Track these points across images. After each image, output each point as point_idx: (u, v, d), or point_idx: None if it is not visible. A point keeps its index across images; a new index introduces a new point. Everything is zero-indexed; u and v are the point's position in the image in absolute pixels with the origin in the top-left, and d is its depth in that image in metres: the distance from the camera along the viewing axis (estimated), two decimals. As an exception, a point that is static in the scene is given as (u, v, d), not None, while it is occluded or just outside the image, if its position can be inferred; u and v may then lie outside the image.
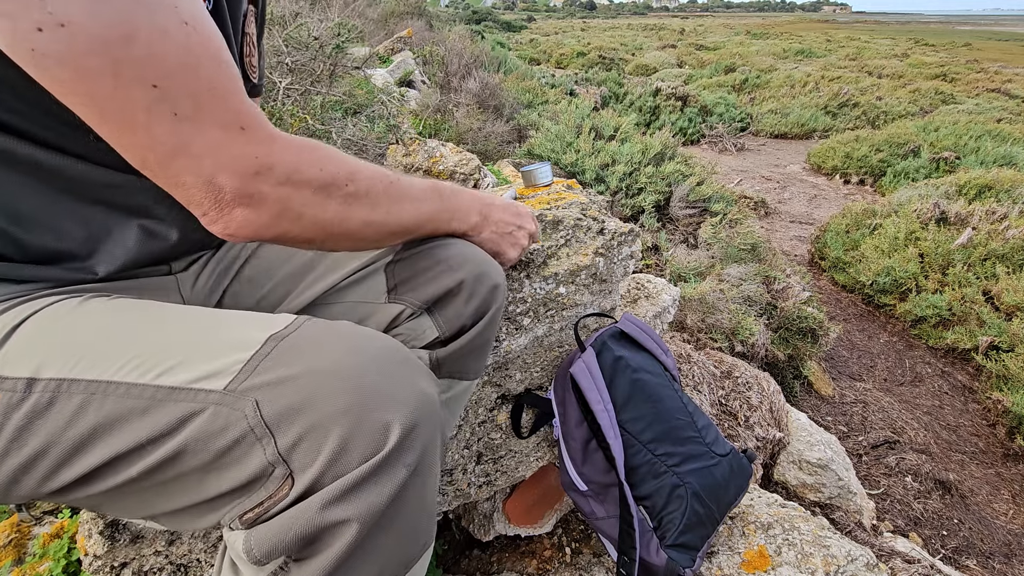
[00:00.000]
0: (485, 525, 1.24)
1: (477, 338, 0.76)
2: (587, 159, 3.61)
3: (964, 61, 14.87)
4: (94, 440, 0.46)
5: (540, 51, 15.88)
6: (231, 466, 0.45)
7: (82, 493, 0.48)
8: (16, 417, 0.46)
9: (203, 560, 0.89)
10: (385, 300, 0.73)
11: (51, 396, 0.47)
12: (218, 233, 0.50)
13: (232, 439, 0.44)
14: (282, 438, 0.44)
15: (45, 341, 0.50)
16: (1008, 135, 5.91)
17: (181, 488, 0.48)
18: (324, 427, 0.44)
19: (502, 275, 0.78)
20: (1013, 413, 2.41)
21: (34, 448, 0.46)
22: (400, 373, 0.50)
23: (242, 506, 0.46)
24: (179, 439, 0.45)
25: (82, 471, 0.46)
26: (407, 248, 0.75)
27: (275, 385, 0.45)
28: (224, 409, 0.45)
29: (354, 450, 0.44)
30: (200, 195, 0.47)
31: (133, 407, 0.46)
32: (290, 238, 0.53)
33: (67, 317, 0.52)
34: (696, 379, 1.77)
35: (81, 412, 0.46)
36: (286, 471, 0.44)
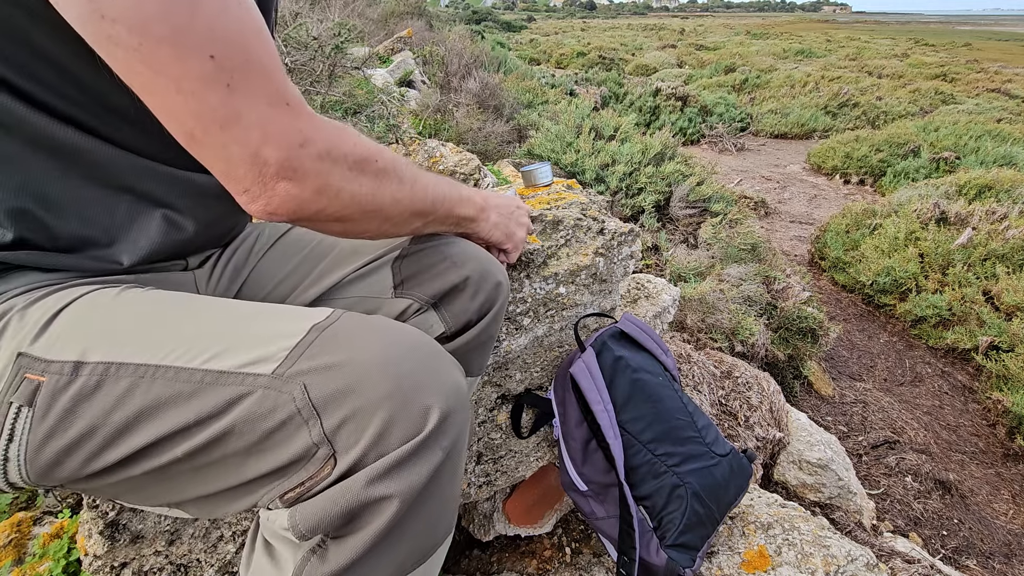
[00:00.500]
0: (485, 525, 1.24)
1: (482, 334, 0.78)
2: (587, 159, 3.61)
3: (964, 61, 14.87)
4: (141, 421, 0.47)
5: (540, 51, 15.88)
6: (275, 447, 0.47)
7: (120, 476, 0.49)
8: (63, 400, 0.47)
9: (203, 560, 0.89)
10: (392, 295, 0.74)
11: (98, 379, 0.47)
12: (259, 211, 0.50)
13: (279, 420, 0.46)
14: (328, 419, 0.46)
15: (89, 327, 0.51)
16: (1008, 135, 5.91)
17: (221, 471, 0.49)
18: (369, 409, 0.46)
19: (504, 273, 0.80)
20: (1013, 413, 2.41)
21: (79, 430, 0.47)
22: (435, 363, 0.52)
23: (281, 487, 0.48)
24: (227, 420, 0.46)
25: (126, 452, 0.47)
26: (413, 244, 0.76)
27: (321, 370, 0.47)
28: (272, 392, 0.47)
29: (396, 431, 0.46)
30: (244, 168, 0.47)
31: (181, 390, 0.47)
32: (327, 215, 0.53)
33: (109, 304, 0.53)
34: (696, 379, 1.77)
35: (128, 395, 0.47)
36: (329, 451, 0.46)
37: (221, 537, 0.90)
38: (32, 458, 0.47)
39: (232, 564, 0.91)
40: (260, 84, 0.46)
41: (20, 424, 0.47)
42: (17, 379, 0.48)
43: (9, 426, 0.47)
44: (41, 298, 0.53)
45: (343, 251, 0.77)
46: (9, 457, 0.48)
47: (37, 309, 0.51)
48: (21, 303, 0.52)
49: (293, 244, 0.79)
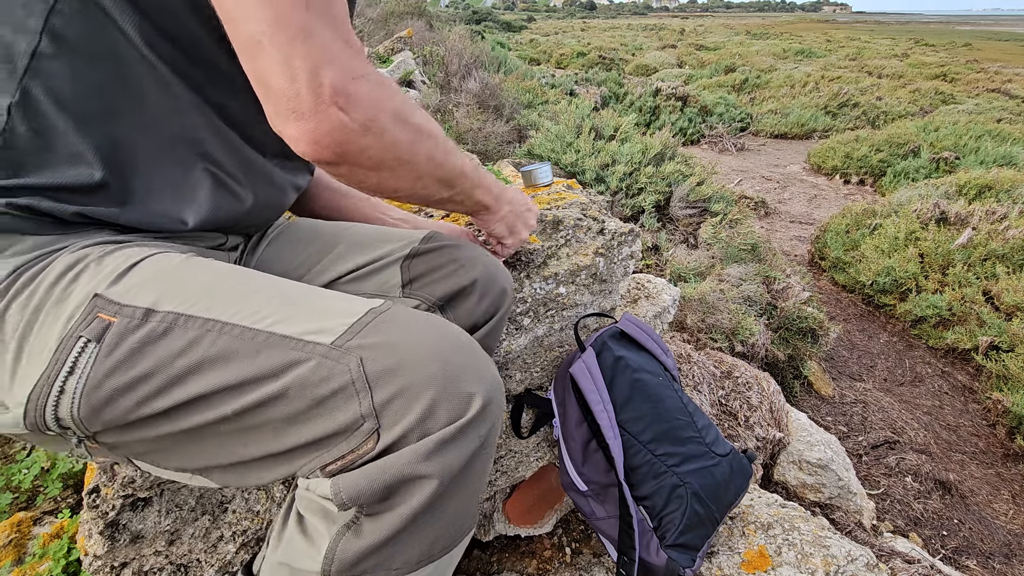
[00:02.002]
0: (485, 525, 1.24)
1: (487, 337, 0.79)
2: (587, 159, 3.61)
3: (964, 61, 14.87)
4: (200, 371, 0.49)
5: (540, 51, 15.88)
6: (323, 415, 0.49)
7: (164, 428, 0.50)
8: (130, 340, 0.49)
9: (203, 560, 0.89)
10: (399, 294, 0.76)
11: (167, 327, 0.49)
12: (304, 136, 0.49)
13: (332, 389, 0.48)
14: (379, 393, 0.48)
15: (161, 281, 0.53)
16: (1008, 135, 5.90)
17: (263, 435, 0.50)
18: (417, 389, 0.48)
19: (510, 280, 0.82)
20: (1013, 413, 2.41)
21: (141, 371, 0.49)
22: (477, 355, 0.54)
23: (322, 458, 0.49)
24: (283, 381, 0.48)
25: (180, 399, 0.49)
26: (423, 244, 0.77)
27: (378, 347, 0.50)
28: (329, 361, 0.49)
29: (441, 412, 0.48)
30: (302, 84, 0.47)
31: (244, 348, 0.49)
32: (368, 157, 0.54)
33: (180, 264, 0.55)
34: (696, 379, 1.77)
35: (194, 344, 0.49)
36: (374, 425, 0.48)
37: (221, 537, 0.90)
38: (89, 392, 0.48)
39: (232, 564, 0.91)
40: (333, 15, 0.49)
41: (84, 359, 0.49)
42: (90, 317, 0.50)
43: (72, 359, 0.49)
44: (115, 250, 0.55)
45: (352, 245, 0.78)
46: (65, 390, 0.49)
47: (113, 259, 0.54)
48: (96, 252, 0.54)
49: (304, 234, 0.81)
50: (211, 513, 0.88)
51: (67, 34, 0.51)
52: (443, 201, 0.69)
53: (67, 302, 0.51)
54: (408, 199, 0.66)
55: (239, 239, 0.74)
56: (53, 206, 0.53)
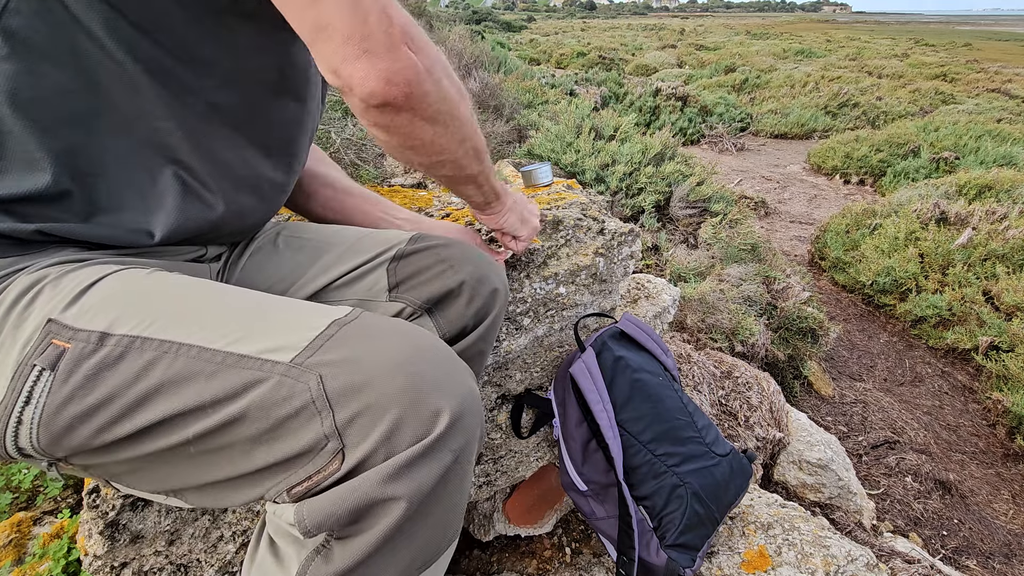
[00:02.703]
0: (485, 525, 1.24)
1: (479, 341, 0.77)
2: (587, 159, 3.61)
3: (964, 61, 14.86)
4: (158, 395, 0.48)
5: (540, 51, 15.87)
6: (285, 437, 0.47)
7: (129, 452, 0.49)
8: (85, 367, 0.48)
9: (203, 560, 0.89)
10: (386, 298, 0.73)
11: (122, 351, 0.48)
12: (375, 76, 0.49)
13: (293, 409, 0.47)
14: (340, 413, 0.46)
15: (119, 301, 0.52)
16: (1008, 135, 5.90)
17: (229, 457, 0.49)
18: (381, 406, 0.47)
19: (503, 280, 0.79)
20: (1013, 413, 2.40)
21: (98, 397, 0.48)
22: (448, 366, 0.53)
23: (288, 480, 0.48)
24: (241, 403, 0.47)
25: (140, 425, 0.48)
26: (410, 245, 0.76)
27: (338, 363, 0.48)
28: (289, 380, 0.47)
29: (407, 431, 0.47)
30: (374, 24, 0.48)
31: (202, 369, 0.48)
32: (428, 103, 0.54)
33: (140, 282, 0.54)
34: (696, 379, 1.77)
35: (150, 368, 0.48)
36: (339, 445, 0.46)
37: (221, 537, 0.90)
38: (47, 422, 0.48)
39: (232, 564, 0.91)
40: None
41: (40, 387, 0.48)
42: (43, 343, 0.49)
43: (28, 388, 0.48)
44: (74, 270, 0.54)
45: (340, 250, 0.77)
46: (23, 420, 0.48)
47: (71, 279, 0.52)
48: (55, 273, 0.53)
49: (292, 241, 0.78)
50: (211, 513, 0.88)
51: (24, 34, 0.49)
52: (472, 178, 0.69)
53: (23, 327, 0.50)
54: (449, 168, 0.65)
55: (221, 249, 0.72)
56: (11, 226, 0.52)
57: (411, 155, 0.60)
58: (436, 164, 0.63)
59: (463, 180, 0.70)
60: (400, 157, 0.61)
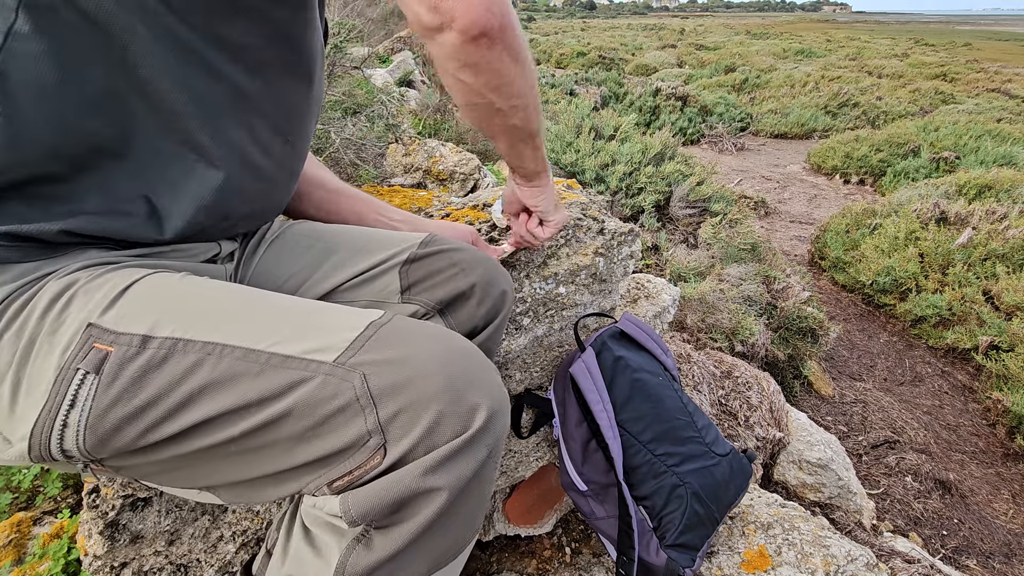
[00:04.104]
0: (485, 525, 1.24)
1: (487, 341, 0.78)
2: (587, 159, 3.61)
3: (964, 61, 14.86)
4: (204, 395, 0.49)
5: (540, 51, 15.88)
6: (329, 433, 0.49)
7: (172, 452, 0.50)
8: (130, 369, 0.48)
9: (203, 560, 0.89)
10: (398, 300, 0.74)
11: (166, 353, 0.49)
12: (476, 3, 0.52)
13: (338, 406, 0.48)
14: (383, 409, 0.48)
15: (157, 304, 0.52)
16: (1008, 135, 5.90)
17: (272, 453, 0.50)
18: (422, 403, 0.49)
19: (510, 282, 0.81)
20: (1013, 413, 2.40)
21: (144, 399, 0.48)
22: (481, 366, 0.54)
23: (329, 474, 0.50)
24: (287, 402, 0.48)
25: (186, 424, 0.49)
26: (421, 248, 0.76)
27: (381, 363, 0.50)
28: (334, 379, 0.49)
29: (447, 426, 0.49)
30: None
31: (247, 369, 0.49)
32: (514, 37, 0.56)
33: (175, 286, 0.55)
34: (696, 379, 1.77)
35: (195, 369, 0.49)
36: (381, 441, 0.48)
37: (221, 537, 0.90)
38: (94, 424, 0.48)
39: (232, 564, 0.91)
40: None
41: (84, 391, 0.48)
42: (85, 348, 0.49)
43: (72, 393, 0.48)
44: (104, 274, 0.54)
45: (350, 251, 0.77)
46: (69, 423, 0.48)
47: (103, 283, 0.53)
48: (85, 277, 0.53)
49: (301, 240, 0.79)
50: (211, 513, 0.88)
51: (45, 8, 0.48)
52: (534, 135, 0.71)
53: (60, 332, 0.50)
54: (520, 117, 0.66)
55: (233, 246, 0.72)
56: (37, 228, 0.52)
57: (494, 97, 0.61)
58: (512, 109, 0.64)
59: (527, 136, 0.70)
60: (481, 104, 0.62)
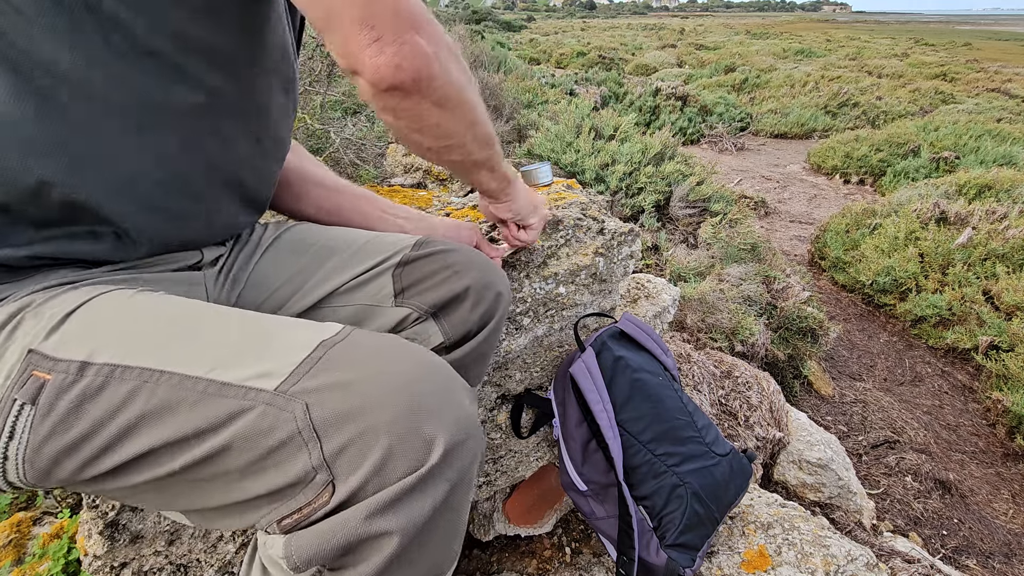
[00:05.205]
0: (485, 525, 1.24)
1: (482, 345, 0.77)
2: (587, 159, 3.61)
3: (964, 61, 14.85)
4: (141, 427, 0.46)
5: (540, 51, 15.87)
6: (273, 468, 0.45)
7: (120, 483, 0.48)
8: (66, 399, 0.46)
9: (203, 560, 0.89)
10: (392, 304, 0.73)
11: (103, 380, 0.47)
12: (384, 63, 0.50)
13: (279, 440, 0.45)
14: (328, 443, 0.45)
15: (100, 327, 0.50)
16: (1008, 135, 5.90)
17: (219, 487, 0.48)
18: (371, 436, 0.45)
19: (507, 284, 0.80)
20: (1013, 413, 2.40)
21: (80, 431, 0.46)
22: (444, 389, 0.50)
23: (279, 511, 0.46)
24: (226, 435, 0.45)
25: (124, 458, 0.46)
26: (414, 250, 0.75)
27: (325, 390, 0.46)
28: (273, 409, 0.45)
29: (398, 462, 0.45)
30: (387, 11, 0.49)
31: (184, 398, 0.46)
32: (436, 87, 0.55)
33: (121, 307, 0.52)
34: (696, 379, 1.77)
35: (131, 398, 0.46)
36: (328, 477, 0.45)
37: (221, 537, 0.90)
38: (31, 458, 0.47)
39: (232, 564, 0.91)
40: None
41: (22, 422, 0.46)
42: (24, 376, 0.47)
43: (11, 423, 0.46)
44: (59, 295, 0.52)
45: (345, 255, 0.76)
46: (8, 455, 0.47)
47: (53, 306, 0.51)
48: (40, 299, 0.51)
49: (296, 245, 0.78)
50: (211, 513, 0.88)
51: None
52: (482, 164, 0.70)
53: (4, 359, 0.49)
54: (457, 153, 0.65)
55: (219, 250, 0.70)
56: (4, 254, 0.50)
57: (419, 138, 0.60)
58: (444, 149, 0.63)
59: (473, 166, 0.70)
60: (408, 141, 0.61)
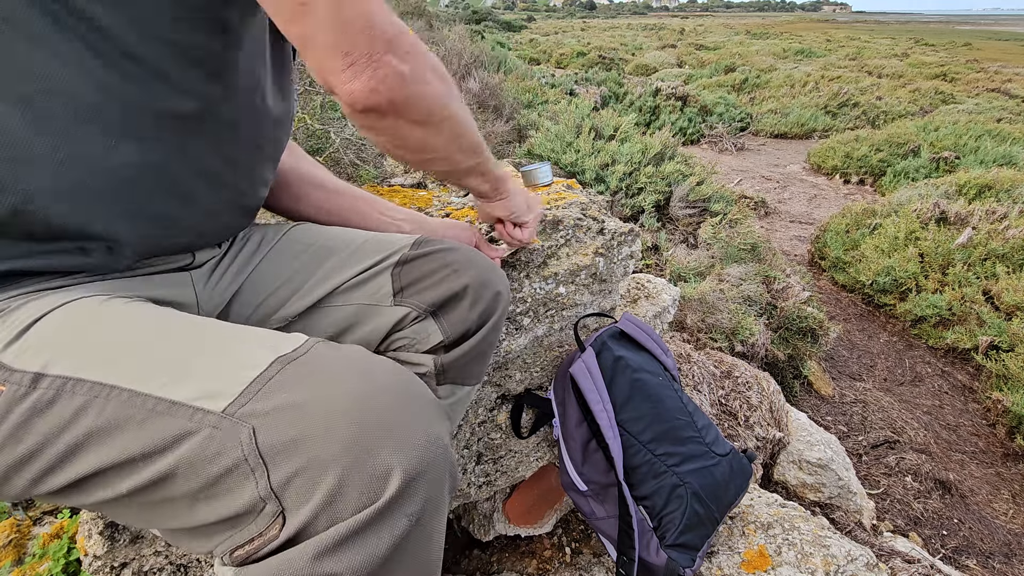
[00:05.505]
0: (485, 525, 1.24)
1: (481, 343, 0.77)
2: (587, 159, 3.61)
3: (964, 61, 14.86)
4: (88, 446, 0.44)
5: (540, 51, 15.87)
6: (221, 495, 0.43)
7: (76, 500, 0.47)
8: (17, 412, 0.45)
9: (203, 560, 0.89)
10: (391, 303, 0.73)
11: (54, 394, 0.45)
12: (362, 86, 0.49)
13: (224, 467, 0.42)
14: (276, 472, 0.42)
15: (59, 337, 0.49)
16: (1008, 135, 5.90)
17: (170, 511, 0.46)
18: (320, 466, 0.42)
19: (505, 283, 0.80)
20: (1013, 413, 2.40)
21: (28, 447, 0.45)
22: (408, 410, 0.47)
23: (233, 539, 0.44)
24: (170, 459, 0.43)
25: (73, 477, 0.45)
26: (413, 249, 0.75)
27: (274, 412, 0.43)
28: (219, 433, 0.43)
29: (350, 495, 0.41)
30: (356, 33, 0.48)
31: (132, 416, 0.44)
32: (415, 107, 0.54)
33: (86, 316, 0.51)
34: (696, 379, 1.77)
35: (80, 414, 0.44)
36: (277, 508, 0.42)
37: (221, 537, 0.90)
38: None
39: (232, 564, 0.91)
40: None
41: None
42: None
43: None
44: (29, 303, 0.51)
45: (344, 254, 0.76)
46: None
47: (20, 315, 0.50)
48: (13, 306, 0.51)
49: (295, 245, 0.78)
50: (211, 513, 0.88)
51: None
52: (470, 171, 0.70)
53: None
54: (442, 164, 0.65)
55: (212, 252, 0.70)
56: None
57: (402, 153, 0.61)
58: (427, 161, 0.64)
59: (462, 173, 0.71)
60: (392, 155, 0.62)
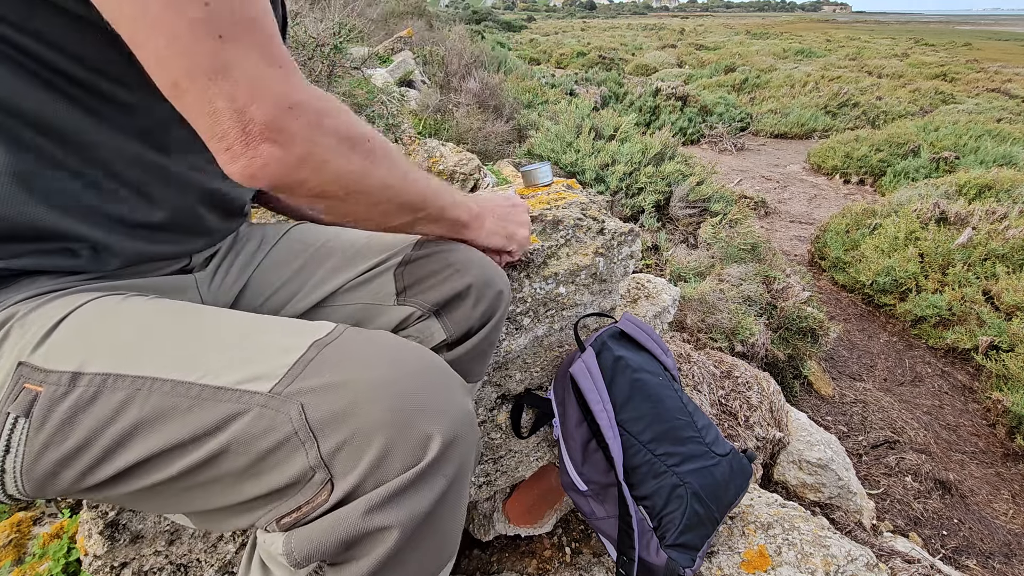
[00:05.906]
0: (485, 525, 1.24)
1: (483, 342, 0.77)
2: (587, 159, 3.61)
3: (964, 61, 14.86)
4: (136, 435, 0.46)
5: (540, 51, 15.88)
6: (271, 469, 0.46)
7: (119, 490, 0.48)
8: (59, 410, 0.46)
9: (203, 560, 0.89)
10: (394, 302, 0.74)
11: (95, 390, 0.47)
12: (238, 172, 0.47)
13: (275, 441, 0.45)
14: (325, 443, 0.45)
15: (89, 336, 0.50)
16: (1008, 135, 5.90)
17: (218, 489, 0.48)
18: (367, 434, 0.45)
19: (506, 282, 0.80)
20: (1013, 413, 2.40)
21: (76, 442, 0.46)
22: (440, 385, 0.50)
23: (278, 510, 0.47)
24: (222, 439, 0.45)
25: (122, 466, 0.46)
26: (416, 250, 0.75)
27: (320, 390, 0.46)
28: (269, 411, 0.45)
29: (395, 458, 0.45)
30: (228, 123, 0.45)
31: (177, 404, 0.46)
32: (309, 188, 0.51)
33: (111, 313, 0.52)
34: (696, 379, 1.77)
35: (125, 407, 0.46)
36: (326, 476, 0.45)
37: (221, 537, 0.90)
38: (28, 470, 0.47)
39: (232, 564, 0.91)
40: (254, 40, 0.45)
41: (16, 435, 0.46)
42: (16, 389, 0.47)
43: (5, 437, 0.46)
44: (43, 304, 0.52)
45: (346, 255, 0.76)
46: (5, 469, 0.47)
47: (40, 316, 0.51)
48: (24, 309, 0.51)
49: (296, 245, 0.78)
50: (211, 513, 0.88)
51: None
52: (407, 225, 0.66)
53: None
54: (366, 226, 0.64)
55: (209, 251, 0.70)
56: None
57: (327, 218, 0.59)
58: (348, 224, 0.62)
59: (398, 229, 0.67)
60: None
